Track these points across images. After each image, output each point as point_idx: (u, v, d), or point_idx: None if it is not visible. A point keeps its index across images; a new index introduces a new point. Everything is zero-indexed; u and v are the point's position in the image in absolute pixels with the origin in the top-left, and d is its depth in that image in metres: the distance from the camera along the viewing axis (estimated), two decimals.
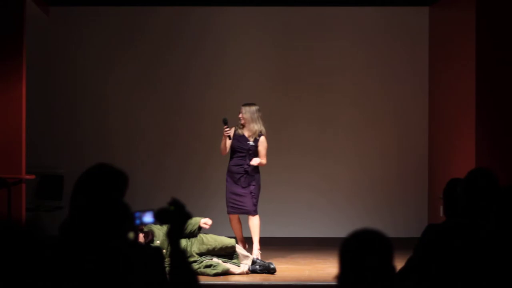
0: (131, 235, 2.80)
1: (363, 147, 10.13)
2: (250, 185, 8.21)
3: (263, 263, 7.75)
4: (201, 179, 10.01)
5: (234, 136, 8.31)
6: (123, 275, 2.65)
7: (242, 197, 8.22)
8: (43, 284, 2.13)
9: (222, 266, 7.48)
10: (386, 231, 2.52)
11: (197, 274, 2.84)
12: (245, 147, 8.24)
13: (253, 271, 7.66)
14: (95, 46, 10.13)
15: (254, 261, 7.76)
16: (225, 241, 7.65)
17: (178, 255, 2.70)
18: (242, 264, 7.67)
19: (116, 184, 2.79)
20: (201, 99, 10.13)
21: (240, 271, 7.59)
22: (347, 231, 2.58)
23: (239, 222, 8.43)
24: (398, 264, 2.52)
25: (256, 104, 8.34)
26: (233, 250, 7.66)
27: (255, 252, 8.14)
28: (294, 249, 9.45)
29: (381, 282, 2.38)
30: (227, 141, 8.25)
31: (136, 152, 10.08)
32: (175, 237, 2.71)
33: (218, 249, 7.58)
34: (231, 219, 8.38)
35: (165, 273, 2.73)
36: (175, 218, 2.72)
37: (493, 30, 8.12)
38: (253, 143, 8.25)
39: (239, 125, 8.32)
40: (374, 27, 10.17)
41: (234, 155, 8.29)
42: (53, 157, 10.05)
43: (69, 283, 2.58)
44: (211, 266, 7.46)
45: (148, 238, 7.39)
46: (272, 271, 7.67)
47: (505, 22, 8.09)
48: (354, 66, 10.15)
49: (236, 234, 8.41)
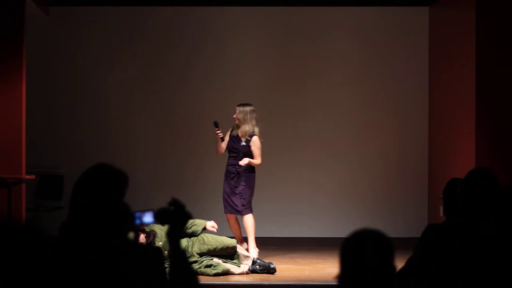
0: (131, 235, 2.80)
1: (363, 147, 10.13)
2: (240, 185, 8.27)
3: (263, 263, 7.75)
4: (201, 179, 10.01)
5: (230, 136, 8.40)
6: (123, 275, 2.65)
7: (233, 197, 8.32)
8: (43, 284, 2.13)
9: (222, 266, 7.48)
10: (386, 231, 2.52)
11: (197, 274, 2.84)
12: (237, 147, 8.31)
13: (253, 271, 7.66)
14: (95, 46, 10.13)
15: (254, 261, 7.76)
16: (226, 241, 7.65)
17: (178, 255, 2.69)
18: (243, 264, 7.67)
19: (116, 184, 2.78)
20: (201, 99, 10.13)
21: (240, 271, 7.59)
22: (347, 231, 2.58)
23: (236, 222, 8.46)
24: (398, 264, 2.52)
25: (251, 105, 8.38)
26: (234, 251, 7.66)
27: (252, 251, 8.16)
28: (294, 249, 9.45)
29: (381, 282, 2.38)
30: (220, 143, 8.38)
31: (136, 152, 10.08)
32: (175, 237, 2.71)
33: (219, 249, 7.58)
34: (228, 219, 8.44)
35: (165, 273, 2.73)
36: (175, 218, 2.72)
37: (493, 30, 8.12)
38: (244, 143, 8.30)
39: (235, 125, 8.40)
40: (374, 27, 10.17)
41: (230, 155, 8.42)
42: (53, 157, 10.05)
43: (69, 283, 2.58)
44: (211, 266, 7.46)
45: (149, 238, 7.39)
46: (272, 271, 7.67)
47: (505, 22, 8.09)
48: (354, 66, 10.15)
49: (234, 234, 8.44)
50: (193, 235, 7.61)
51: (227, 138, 8.47)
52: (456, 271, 3.39)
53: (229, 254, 7.65)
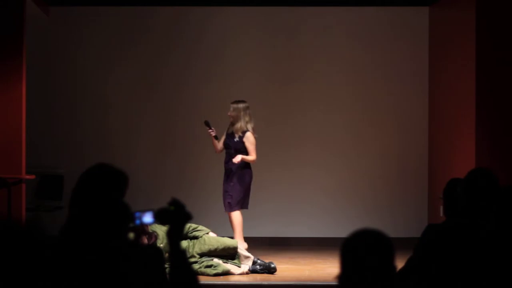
0: (131, 235, 2.80)
1: (363, 147, 10.13)
2: (230, 182, 8.26)
3: (263, 263, 7.74)
4: (201, 179, 10.01)
5: (226, 134, 8.48)
6: (123, 275, 2.65)
7: (224, 194, 8.32)
8: (43, 284, 2.13)
9: (222, 266, 7.48)
10: (386, 231, 2.52)
11: (197, 274, 2.83)
12: (231, 144, 8.31)
13: (253, 271, 7.65)
14: (95, 46, 10.13)
15: (255, 261, 7.75)
16: (227, 242, 7.64)
17: (178, 255, 2.69)
18: (243, 264, 7.66)
19: (116, 184, 2.78)
20: (201, 99, 10.13)
21: (240, 272, 7.58)
22: (347, 231, 2.58)
23: None
24: (398, 264, 2.52)
25: (245, 101, 8.39)
26: (235, 251, 7.65)
27: (240, 247, 8.11)
28: (294, 249, 9.45)
29: (381, 282, 2.38)
30: (214, 141, 8.48)
31: (136, 152, 10.08)
32: (175, 237, 2.71)
33: (220, 250, 7.57)
34: (229, 217, 8.43)
35: (165, 273, 2.73)
36: (175, 218, 2.72)
37: (493, 30, 8.12)
38: (237, 139, 8.30)
39: (231, 123, 8.42)
40: (374, 27, 10.17)
41: (225, 153, 8.49)
42: (53, 157, 10.05)
43: (69, 283, 2.58)
44: (211, 266, 7.45)
45: (151, 239, 7.37)
46: (273, 270, 7.66)
47: (505, 22, 8.09)
48: (354, 66, 10.15)
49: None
50: (195, 238, 7.61)
51: (224, 136, 8.49)
52: (456, 271, 3.39)
53: (229, 254, 7.65)
